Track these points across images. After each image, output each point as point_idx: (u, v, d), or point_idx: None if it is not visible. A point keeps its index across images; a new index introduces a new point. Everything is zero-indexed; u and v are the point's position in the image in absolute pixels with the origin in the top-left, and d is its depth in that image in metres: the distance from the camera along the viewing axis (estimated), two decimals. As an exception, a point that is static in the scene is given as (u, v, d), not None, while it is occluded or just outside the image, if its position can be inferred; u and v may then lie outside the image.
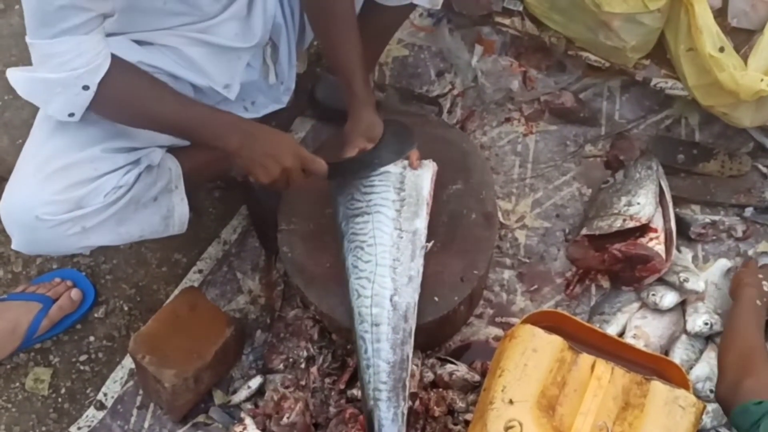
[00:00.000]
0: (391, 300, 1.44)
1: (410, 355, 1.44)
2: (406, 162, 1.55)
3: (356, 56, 1.52)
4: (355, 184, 1.52)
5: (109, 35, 1.42)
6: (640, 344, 1.56)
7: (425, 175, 1.54)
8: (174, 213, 1.58)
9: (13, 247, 1.42)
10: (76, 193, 1.36)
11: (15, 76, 1.34)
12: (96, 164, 1.39)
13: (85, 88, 1.30)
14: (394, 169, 1.53)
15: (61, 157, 1.37)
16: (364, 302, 1.44)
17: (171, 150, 1.56)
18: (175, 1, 1.41)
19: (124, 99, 1.36)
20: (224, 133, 1.39)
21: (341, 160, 1.51)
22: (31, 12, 1.24)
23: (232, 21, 1.50)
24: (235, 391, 1.68)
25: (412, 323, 1.45)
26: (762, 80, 1.61)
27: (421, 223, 1.51)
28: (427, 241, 1.51)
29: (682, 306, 1.66)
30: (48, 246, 1.44)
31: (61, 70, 1.27)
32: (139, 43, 1.45)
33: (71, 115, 1.34)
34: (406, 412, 1.41)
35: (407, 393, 1.42)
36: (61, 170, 1.36)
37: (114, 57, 1.32)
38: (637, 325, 1.63)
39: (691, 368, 1.57)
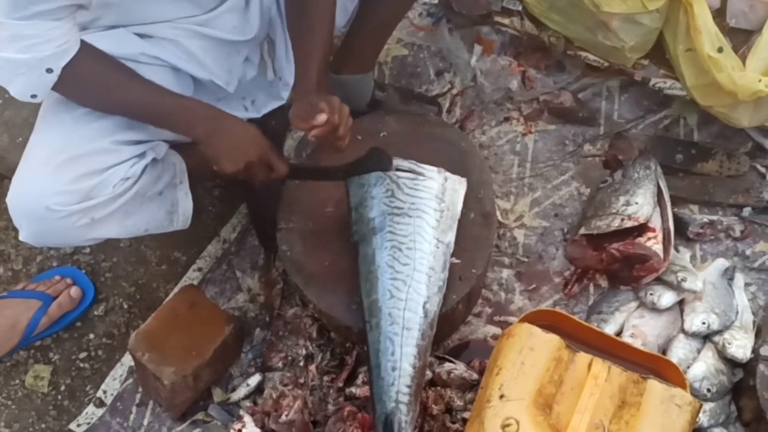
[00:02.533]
0: (424, 306, 1.45)
1: (428, 361, 1.46)
2: (446, 174, 1.54)
3: (322, 54, 1.50)
4: (395, 180, 1.51)
5: (110, 28, 1.43)
6: (637, 343, 1.56)
7: (461, 191, 1.55)
8: (178, 208, 1.59)
9: (21, 238, 1.42)
10: (85, 183, 1.37)
11: None
12: (103, 156, 1.40)
13: (49, 71, 1.30)
14: (437, 177, 1.53)
15: (69, 149, 1.37)
16: (397, 304, 1.44)
17: (175, 146, 1.57)
18: None
19: (89, 83, 1.36)
20: (191, 120, 1.40)
21: (304, 165, 1.51)
22: None
23: (231, 13, 1.50)
24: (234, 389, 1.69)
25: (434, 331, 1.47)
26: (760, 80, 1.61)
27: (453, 237, 1.52)
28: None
29: (679, 305, 1.66)
30: (56, 237, 1.44)
31: (26, 51, 1.27)
32: (140, 36, 1.46)
33: (33, 96, 1.34)
34: (417, 416, 1.43)
35: (420, 398, 1.45)
36: (70, 161, 1.37)
37: (84, 43, 1.32)
38: (635, 324, 1.64)
39: (688, 367, 1.57)
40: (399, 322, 1.43)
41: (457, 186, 1.55)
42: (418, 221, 1.49)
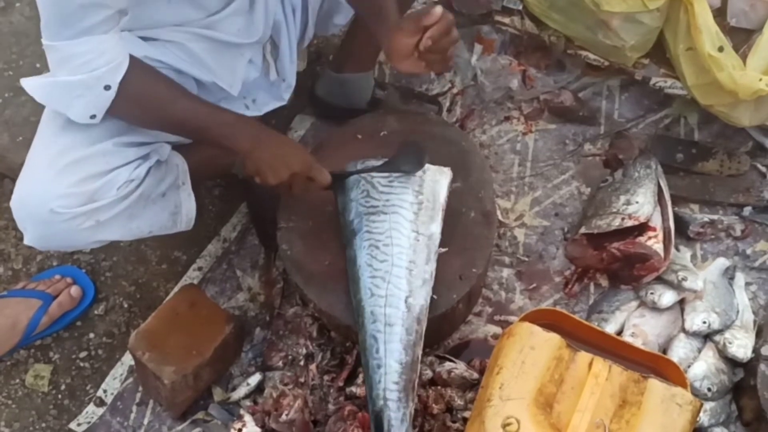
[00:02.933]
0: (405, 301, 1.44)
1: (419, 357, 1.45)
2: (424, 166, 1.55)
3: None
4: (370, 180, 1.52)
5: None
6: (638, 343, 1.56)
7: (443, 181, 1.55)
8: (181, 209, 1.59)
9: (25, 242, 1.42)
10: (89, 186, 1.37)
11: (30, 83, 1.35)
12: (107, 158, 1.40)
13: (107, 87, 1.31)
14: None
15: (73, 151, 1.38)
16: (377, 302, 1.44)
17: (176, 147, 1.57)
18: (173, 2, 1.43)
19: (142, 98, 1.37)
20: (236, 133, 1.42)
21: (344, 172, 1.53)
22: (49, 13, 1.24)
23: (236, 16, 1.51)
24: (234, 388, 1.69)
25: (424, 325, 1.46)
26: (761, 80, 1.62)
27: (437, 228, 1.51)
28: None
29: (680, 305, 1.66)
30: (61, 240, 1.44)
31: (81, 71, 1.28)
32: (143, 39, 1.46)
33: (92, 117, 1.35)
34: (413, 412, 1.42)
35: (415, 393, 1.43)
36: (74, 164, 1.37)
37: (132, 57, 1.33)
38: (636, 323, 1.64)
39: (689, 367, 1.57)
40: (381, 319, 1.43)
41: (438, 176, 1.55)
42: (394, 217, 1.49)
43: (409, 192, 1.51)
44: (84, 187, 1.36)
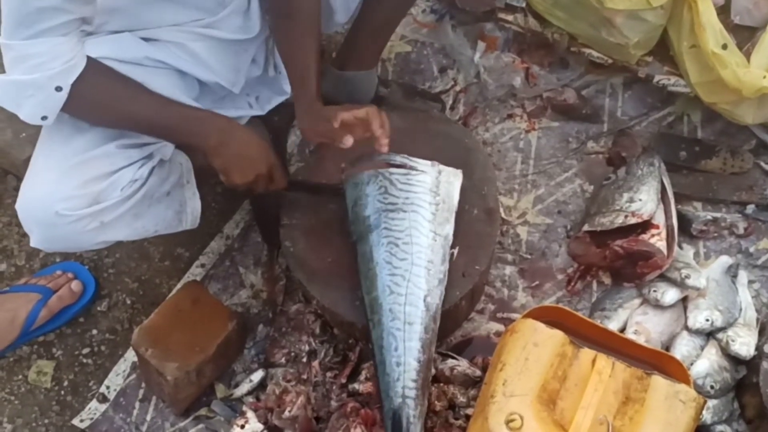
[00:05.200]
0: (424, 300, 1.45)
1: (433, 354, 1.46)
2: (440, 167, 1.55)
3: (314, 57, 1.51)
4: (388, 177, 1.52)
5: (115, 32, 1.43)
6: (641, 340, 1.56)
7: (456, 183, 1.55)
8: (186, 207, 1.59)
9: (32, 244, 1.42)
10: (94, 187, 1.37)
11: None
12: (111, 159, 1.40)
13: (58, 89, 1.29)
14: (430, 170, 1.54)
15: (77, 154, 1.38)
16: (397, 299, 1.44)
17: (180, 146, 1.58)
18: (173, 4, 1.43)
19: (99, 99, 1.36)
20: (203, 130, 1.41)
21: (300, 180, 1.59)
22: (9, 12, 1.23)
23: (235, 15, 1.51)
24: (237, 385, 1.69)
25: (438, 323, 1.47)
26: (764, 77, 1.61)
27: (450, 230, 1.52)
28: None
29: (683, 302, 1.66)
30: (67, 242, 1.44)
31: (34, 71, 1.27)
32: (144, 39, 1.46)
33: (44, 118, 1.33)
34: (426, 410, 1.43)
35: (428, 391, 1.45)
36: (77, 166, 1.37)
37: (89, 59, 1.33)
38: (638, 321, 1.64)
39: (691, 364, 1.57)
40: (400, 317, 1.43)
41: (452, 178, 1.55)
42: (414, 215, 1.49)
43: (427, 192, 1.52)
44: (88, 189, 1.37)
